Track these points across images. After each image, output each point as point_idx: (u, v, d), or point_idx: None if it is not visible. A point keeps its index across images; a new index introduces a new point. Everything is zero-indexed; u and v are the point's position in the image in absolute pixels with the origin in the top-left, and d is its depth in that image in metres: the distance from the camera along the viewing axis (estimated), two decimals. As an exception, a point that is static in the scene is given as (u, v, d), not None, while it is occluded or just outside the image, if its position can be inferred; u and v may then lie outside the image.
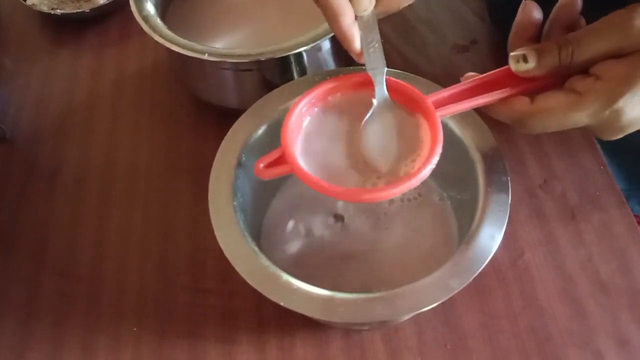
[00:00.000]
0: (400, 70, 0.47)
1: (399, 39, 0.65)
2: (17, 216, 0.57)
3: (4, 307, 0.51)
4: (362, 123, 0.40)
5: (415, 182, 0.36)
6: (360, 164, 0.40)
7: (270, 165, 0.39)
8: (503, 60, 0.61)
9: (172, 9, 0.60)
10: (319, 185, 0.37)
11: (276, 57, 0.50)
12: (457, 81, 0.41)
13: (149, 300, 0.50)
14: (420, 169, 0.37)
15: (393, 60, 0.64)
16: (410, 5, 0.41)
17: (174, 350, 0.48)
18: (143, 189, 0.57)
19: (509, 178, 0.41)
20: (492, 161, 0.42)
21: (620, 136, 0.38)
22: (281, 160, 0.39)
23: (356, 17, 0.38)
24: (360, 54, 0.39)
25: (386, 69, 0.39)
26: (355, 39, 0.38)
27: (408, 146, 0.40)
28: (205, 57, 0.50)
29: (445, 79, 0.46)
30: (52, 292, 0.52)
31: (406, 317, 0.47)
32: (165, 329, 0.49)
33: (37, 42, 0.71)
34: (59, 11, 0.69)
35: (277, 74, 0.53)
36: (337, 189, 0.37)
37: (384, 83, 0.40)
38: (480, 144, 0.44)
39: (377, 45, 0.39)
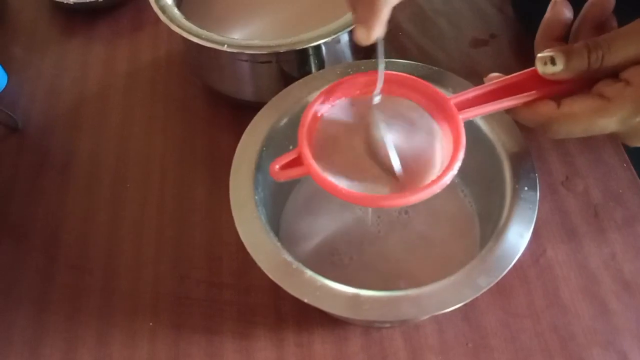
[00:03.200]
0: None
1: (416, 31, 0.64)
2: (29, 208, 0.56)
3: (17, 301, 0.50)
4: (370, 121, 0.38)
5: (436, 189, 0.35)
6: (377, 164, 0.39)
7: (285, 166, 0.37)
8: (523, 55, 0.61)
9: (188, -2, 0.59)
10: (336, 190, 0.36)
11: (295, 49, 0.49)
12: (476, 76, 0.40)
13: (164, 295, 0.50)
14: (441, 176, 0.35)
15: (410, 52, 0.63)
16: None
17: (190, 345, 0.47)
18: (157, 182, 0.56)
19: (537, 175, 0.41)
20: (519, 158, 0.41)
21: None
22: (297, 161, 0.37)
23: None
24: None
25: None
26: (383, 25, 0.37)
27: (421, 144, 0.39)
28: (225, 48, 0.49)
29: (464, 73, 0.45)
30: (65, 285, 0.51)
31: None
32: (181, 324, 0.48)
33: (48, 32, 0.70)
34: (71, 0, 0.68)
35: (295, 67, 0.52)
36: (354, 195, 0.36)
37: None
38: (507, 141, 0.43)
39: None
